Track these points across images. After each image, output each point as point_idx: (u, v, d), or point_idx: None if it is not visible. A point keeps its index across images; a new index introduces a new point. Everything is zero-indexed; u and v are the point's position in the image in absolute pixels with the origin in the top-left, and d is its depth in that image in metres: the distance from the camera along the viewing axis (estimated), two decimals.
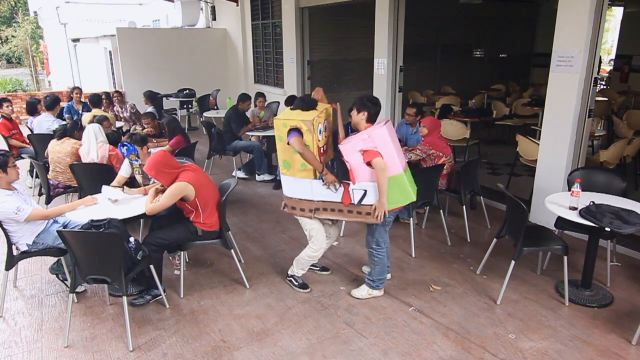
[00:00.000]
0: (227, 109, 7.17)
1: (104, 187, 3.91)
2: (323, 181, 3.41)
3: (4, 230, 3.43)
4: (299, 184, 3.49)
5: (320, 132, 3.39)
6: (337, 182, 3.40)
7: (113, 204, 3.79)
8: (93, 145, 4.86)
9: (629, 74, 10.78)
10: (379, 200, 3.31)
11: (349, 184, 3.39)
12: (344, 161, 3.36)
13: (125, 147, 4.25)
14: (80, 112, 7.38)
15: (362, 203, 3.38)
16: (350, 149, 3.30)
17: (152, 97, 7.72)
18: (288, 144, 3.34)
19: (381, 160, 3.21)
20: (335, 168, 3.60)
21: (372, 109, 3.36)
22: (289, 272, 3.93)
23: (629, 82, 10.62)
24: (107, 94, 7.94)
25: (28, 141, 6.35)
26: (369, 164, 3.25)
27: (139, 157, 4.21)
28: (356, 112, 3.39)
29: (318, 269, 4.13)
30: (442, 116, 7.38)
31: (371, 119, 3.38)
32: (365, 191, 3.35)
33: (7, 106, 6.45)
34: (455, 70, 11.53)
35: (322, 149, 3.45)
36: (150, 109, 7.36)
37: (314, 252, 3.74)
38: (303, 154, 3.30)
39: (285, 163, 3.50)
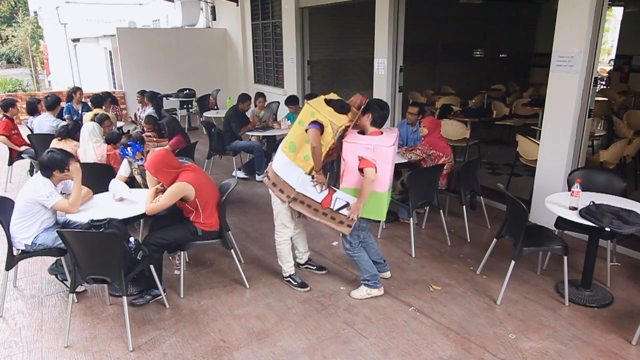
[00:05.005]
0: (227, 109, 7.17)
1: (113, 181, 3.90)
2: (312, 178, 3.47)
3: (5, 230, 3.44)
4: (292, 170, 3.53)
5: (338, 138, 3.42)
6: (324, 185, 3.48)
7: (117, 202, 3.78)
8: (89, 145, 4.84)
9: (629, 74, 10.79)
10: (356, 203, 3.38)
11: (335, 190, 3.47)
12: (341, 157, 3.39)
13: (129, 147, 4.23)
14: (80, 112, 7.38)
15: (340, 212, 3.46)
16: (352, 150, 3.35)
17: (153, 98, 7.72)
18: (306, 131, 3.38)
19: (373, 172, 3.27)
20: (335, 168, 3.62)
21: (377, 112, 3.39)
22: (283, 274, 3.95)
23: (629, 82, 10.63)
24: (108, 93, 7.94)
25: (28, 141, 6.35)
26: (361, 170, 3.30)
27: (144, 155, 4.19)
28: (362, 113, 3.42)
29: (314, 268, 4.13)
30: (442, 116, 7.37)
31: (376, 122, 3.41)
32: (348, 203, 3.44)
33: (12, 110, 6.52)
34: (455, 70, 11.52)
35: (330, 150, 3.49)
36: (150, 109, 7.35)
37: (280, 237, 3.81)
38: (314, 148, 3.34)
39: (291, 145, 3.52)
